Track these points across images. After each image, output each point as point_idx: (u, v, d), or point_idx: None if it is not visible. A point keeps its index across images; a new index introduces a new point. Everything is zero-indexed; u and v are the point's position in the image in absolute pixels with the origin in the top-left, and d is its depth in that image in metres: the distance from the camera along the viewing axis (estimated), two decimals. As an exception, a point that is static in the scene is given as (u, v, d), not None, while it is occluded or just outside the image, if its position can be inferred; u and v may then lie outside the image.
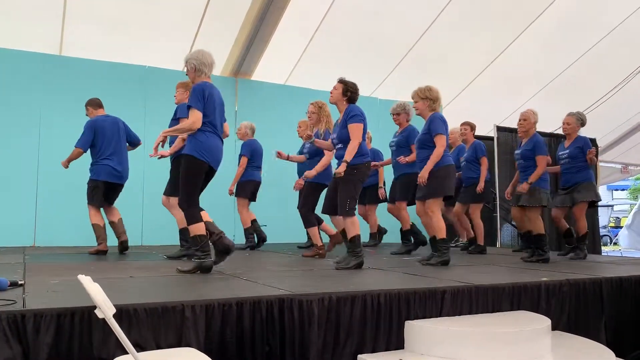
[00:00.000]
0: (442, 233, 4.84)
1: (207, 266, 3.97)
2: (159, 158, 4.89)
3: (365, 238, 7.44)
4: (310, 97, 7.75)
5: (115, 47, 7.34)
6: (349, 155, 4.43)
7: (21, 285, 3.13)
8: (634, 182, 26.40)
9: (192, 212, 4.00)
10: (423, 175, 4.76)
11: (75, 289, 2.81)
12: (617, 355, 3.24)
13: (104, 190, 5.64)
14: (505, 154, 8.87)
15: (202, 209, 4.10)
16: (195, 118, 3.97)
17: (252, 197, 6.68)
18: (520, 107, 9.86)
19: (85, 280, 2.06)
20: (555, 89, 9.72)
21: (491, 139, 8.56)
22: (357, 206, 7.23)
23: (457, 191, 6.06)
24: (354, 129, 4.50)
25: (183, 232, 5.12)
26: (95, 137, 5.63)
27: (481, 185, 6.40)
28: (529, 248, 5.66)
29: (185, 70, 4.24)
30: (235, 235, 7.74)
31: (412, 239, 6.35)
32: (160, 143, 4.51)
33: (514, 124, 9.88)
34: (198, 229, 3.96)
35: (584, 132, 6.14)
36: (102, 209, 5.71)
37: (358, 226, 4.52)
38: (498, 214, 8.62)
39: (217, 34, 7.53)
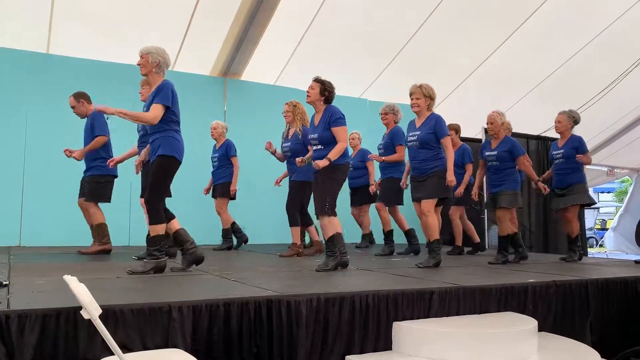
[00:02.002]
0: (437, 234, 4.87)
1: (163, 266, 3.99)
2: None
3: (356, 239, 7.47)
4: (300, 98, 7.73)
5: (103, 46, 7.29)
6: (333, 154, 4.44)
7: (6, 285, 3.10)
8: (620, 184, 26.65)
9: (160, 211, 3.99)
10: (450, 178, 4.72)
11: (61, 290, 2.78)
12: (602, 356, 3.27)
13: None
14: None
15: (173, 216, 4.15)
16: (158, 114, 3.94)
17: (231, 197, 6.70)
18: (509, 109, 9.95)
19: (71, 281, 2.04)
20: (544, 92, 9.79)
21: (479, 141, 8.60)
22: (350, 208, 7.30)
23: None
24: (340, 132, 4.52)
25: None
26: (103, 126, 5.63)
27: (461, 190, 6.30)
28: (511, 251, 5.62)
29: (142, 60, 4.11)
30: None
31: (408, 242, 6.43)
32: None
33: (502, 126, 9.95)
34: (161, 228, 3.99)
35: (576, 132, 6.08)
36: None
37: (336, 226, 4.46)
38: (486, 216, 8.67)
39: (207, 34, 7.50)
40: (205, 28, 7.39)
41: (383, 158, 6.00)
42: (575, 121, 5.93)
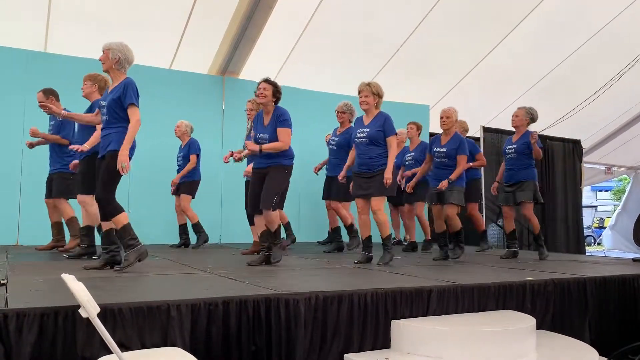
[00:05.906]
0: (388, 230, 4.87)
1: (144, 251, 3.98)
2: (79, 152, 4.68)
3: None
4: (298, 97, 7.73)
5: (101, 45, 7.24)
6: (267, 147, 4.59)
7: (4, 284, 3.09)
8: (618, 183, 26.73)
9: (114, 202, 3.96)
10: (388, 176, 4.68)
11: (59, 288, 2.78)
12: (600, 354, 3.28)
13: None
14: (492, 155, 8.94)
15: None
16: (139, 115, 3.98)
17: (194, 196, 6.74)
18: (506, 107, 9.96)
19: (69, 279, 2.04)
20: (542, 90, 9.79)
21: (477, 139, 8.61)
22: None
23: (398, 191, 6.03)
24: (283, 133, 4.63)
25: (87, 229, 5.01)
26: (72, 127, 5.58)
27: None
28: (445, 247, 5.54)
29: (103, 56, 4.15)
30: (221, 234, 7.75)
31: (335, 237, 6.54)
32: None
33: (500, 125, 10.00)
34: (124, 217, 3.95)
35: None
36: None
37: (279, 220, 4.68)
38: (484, 215, 8.68)
39: (205, 32, 7.49)
40: (203, 27, 7.39)
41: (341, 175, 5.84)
42: (533, 119, 5.88)
